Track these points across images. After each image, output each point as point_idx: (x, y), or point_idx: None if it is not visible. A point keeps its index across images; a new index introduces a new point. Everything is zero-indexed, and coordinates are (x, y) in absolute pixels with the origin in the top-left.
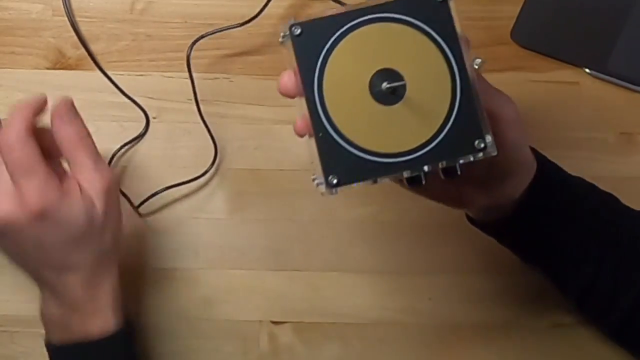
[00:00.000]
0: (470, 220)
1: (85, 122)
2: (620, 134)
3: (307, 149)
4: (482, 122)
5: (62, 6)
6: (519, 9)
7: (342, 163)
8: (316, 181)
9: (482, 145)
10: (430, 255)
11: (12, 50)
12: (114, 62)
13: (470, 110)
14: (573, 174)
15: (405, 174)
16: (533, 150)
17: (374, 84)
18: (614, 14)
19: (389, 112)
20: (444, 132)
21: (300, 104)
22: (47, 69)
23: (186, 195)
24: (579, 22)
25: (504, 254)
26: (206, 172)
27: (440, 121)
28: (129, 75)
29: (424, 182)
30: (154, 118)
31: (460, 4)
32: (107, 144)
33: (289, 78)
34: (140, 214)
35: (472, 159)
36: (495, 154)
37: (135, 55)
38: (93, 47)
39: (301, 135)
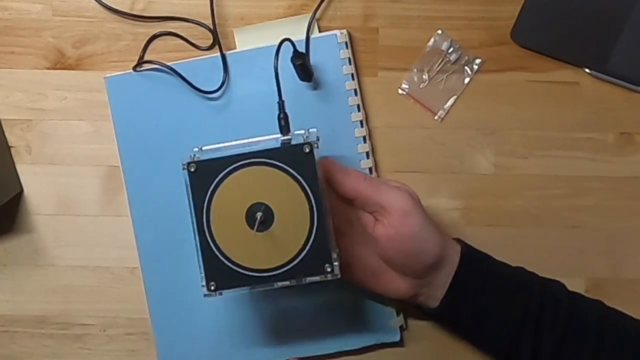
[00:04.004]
0: (417, 306)
1: (84, 121)
2: (620, 134)
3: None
4: (331, 251)
5: (62, 6)
6: (519, 9)
7: (220, 273)
8: (202, 284)
9: (330, 269)
10: None
11: (12, 50)
12: (114, 62)
13: (323, 240)
14: (574, 175)
15: (277, 285)
16: (459, 241)
17: (250, 214)
18: (614, 14)
19: (260, 236)
20: (302, 254)
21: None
22: (47, 69)
23: None
24: (579, 22)
25: (504, 254)
26: None
27: (300, 245)
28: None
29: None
30: None
31: (461, 4)
32: (107, 144)
33: None
34: None
35: (322, 278)
36: (338, 277)
37: (135, 55)
38: (93, 47)
39: None
